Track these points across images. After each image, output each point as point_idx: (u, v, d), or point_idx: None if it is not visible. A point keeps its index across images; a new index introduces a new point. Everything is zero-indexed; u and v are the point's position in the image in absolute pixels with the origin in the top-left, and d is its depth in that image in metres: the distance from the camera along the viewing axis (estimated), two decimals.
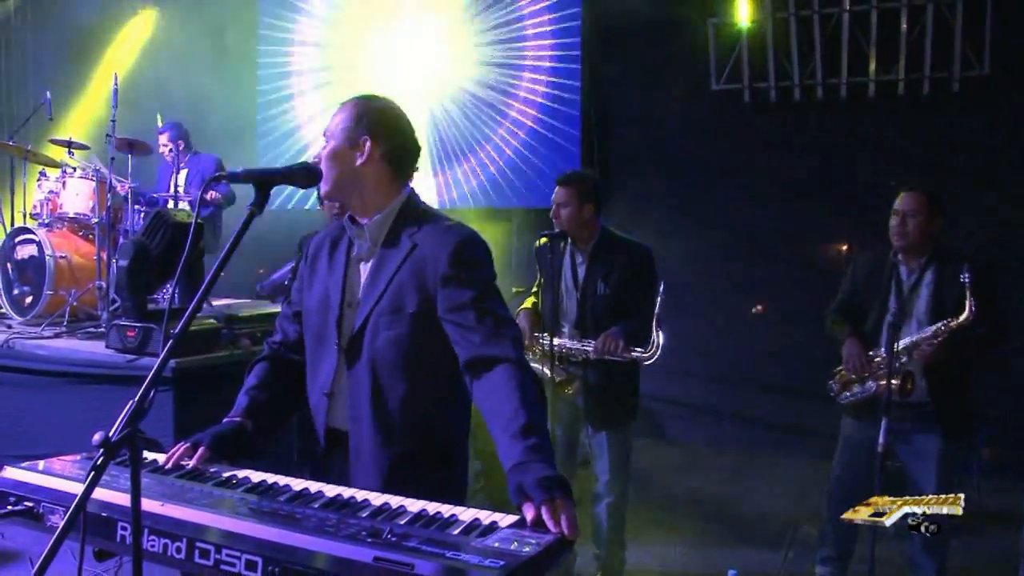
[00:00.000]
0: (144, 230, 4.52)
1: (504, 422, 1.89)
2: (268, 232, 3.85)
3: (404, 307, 2.10)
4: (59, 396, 4.51)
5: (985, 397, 5.49)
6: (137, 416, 1.49)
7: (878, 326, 3.71)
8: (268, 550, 1.54)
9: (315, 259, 2.32)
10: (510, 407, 1.91)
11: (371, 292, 2.15)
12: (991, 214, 5.77)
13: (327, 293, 2.23)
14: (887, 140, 6.26)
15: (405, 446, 2.11)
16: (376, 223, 2.18)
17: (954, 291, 3.49)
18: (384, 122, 2.18)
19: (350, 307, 2.19)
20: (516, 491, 1.73)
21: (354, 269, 2.23)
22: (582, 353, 3.82)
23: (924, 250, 3.66)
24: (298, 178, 2.01)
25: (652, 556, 4.50)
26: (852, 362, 3.71)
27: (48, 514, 1.78)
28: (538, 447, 1.83)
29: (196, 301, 1.70)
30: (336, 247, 2.28)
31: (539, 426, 1.89)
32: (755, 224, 6.66)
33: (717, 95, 6.80)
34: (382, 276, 2.14)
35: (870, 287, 3.79)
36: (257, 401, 2.26)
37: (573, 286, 3.94)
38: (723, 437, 6.86)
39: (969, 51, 5.97)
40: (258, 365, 2.37)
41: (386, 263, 2.15)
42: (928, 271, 3.65)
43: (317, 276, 2.29)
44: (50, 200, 5.85)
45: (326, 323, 2.21)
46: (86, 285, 5.48)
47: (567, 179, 3.95)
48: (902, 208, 3.64)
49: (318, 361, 2.23)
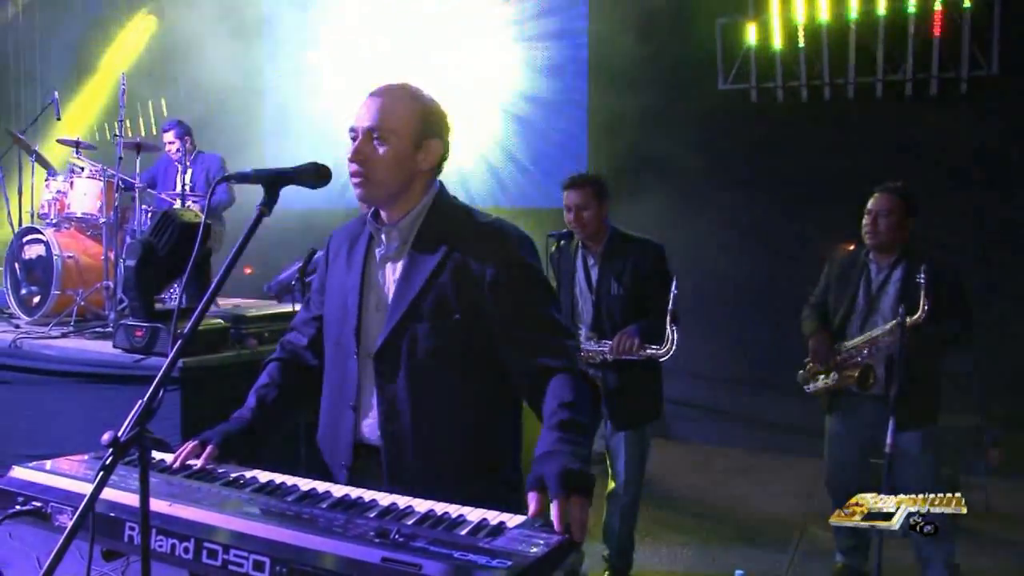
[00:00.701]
0: (151, 230, 4.52)
1: (548, 417, 1.82)
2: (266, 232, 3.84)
3: (448, 313, 1.96)
4: (66, 396, 4.53)
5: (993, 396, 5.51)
6: (146, 416, 1.48)
7: (845, 321, 3.93)
8: (276, 550, 1.53)
9: (334, 260, 2.20)
10: (558, 404, 1.83)
11: (404, 296, 1.99)
12: (998, 214, 5.76)
13: (345, 299, 2.10)
14: (895, 140, 6.24)
15: (452, 463, 1.99)
16: (408, 221, 2.05)
17: (920, 289, 3.62)
18: (445, 122, 2.07)
19: (378, 311, 2.05)
20: (534, 478, 1.66)
21: (377, 270, 2.08)
22: (600, 355, 3.82)
23: (895, 249, 3.81)
24: (308, 178, 1.86)
25: (659, 556, 4.49)
26: (818, 355, 3.94)
27: (56, 514, 1.78)
28: (572, 441, 1.74)
29: (205, 301, 1.68)
30: (354, 246, 2.14)
31: (582, 425, 1.82)
32: (763, 224, 6.65)
33: (724, 95, 6.79)
34: (416, 278, 1.99)
35: (842, 284, 3.97)
36: (267, 399, 2.20)
37: (587, 288, 3.95)
38: (730, 437, 6.85)
39: (977, 51, 5.95)
40: (271, 364, 2.30)
41: (420, 264, 2.00)
42: (897, 269, 3.82)
43: (335, 279, 2.17)
44: (58, 200, 5.87)
45: (345, 332, 2.08)
46: (94, 285, 5.50)
47: (583, 181, 3.92)
48: (874, 208, 3.80)
49: (339, 371, 2.10)
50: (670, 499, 5.47)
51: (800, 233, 6.42)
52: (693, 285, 6.76)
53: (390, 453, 2.01)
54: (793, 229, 6.51)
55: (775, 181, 6.54)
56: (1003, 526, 4.11)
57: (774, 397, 6.47)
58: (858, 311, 3.88)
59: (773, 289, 6.41)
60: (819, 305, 4.11)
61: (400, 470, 1.99)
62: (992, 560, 4.31)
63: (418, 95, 2.07)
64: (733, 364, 6.81)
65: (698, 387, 6.91)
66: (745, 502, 5.51)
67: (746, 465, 6.34)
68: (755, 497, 5.60)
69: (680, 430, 7.04)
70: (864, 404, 3.87)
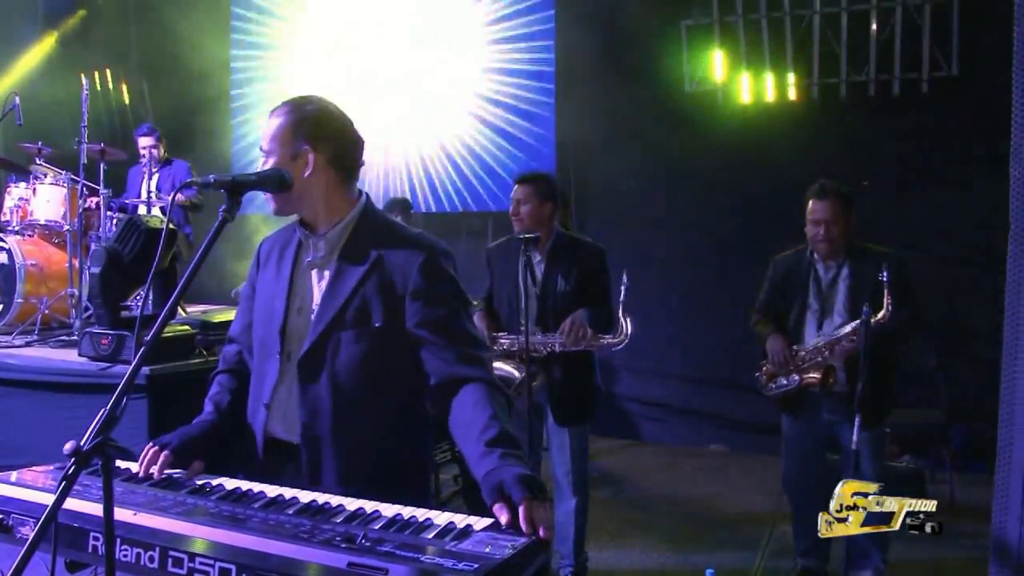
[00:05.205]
0: (116, 237, 4.47)
1: (477, 433, 1.88)
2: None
3: (370, 320, 2.03)
4: (31, 406, 4.45)
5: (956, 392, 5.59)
6: (109, 425, 1.47)
7: (800, 321, 3.96)
8: (242, 557, 1.53)
9: (264, 266, 2.25)
10: (483, 419, 1.91)
11: (330, 304, 2.06)
12: (961, 213, 5.85)
13: (272, 301, 2.16)
14: (859, 140, 6.33)
15: (367, 467, 2.05)
16: (335, 232, 2.11)
17: (868, 286, 3.72)
18: (323, 126, 2.08)
19: (299, 313, 2.11)
20: (493, 490, 1.72)
21: (304, 275, 2.14)
22: (550, 346, 3.86)
23: (843, 249, 3.86)
24: (270, 184, 1.98)
25: (630, 557, 4.51)
26: (777, 357, 3.94)
27: (18, 526, 1.76)
28: (513, 455, 1.83)
29: (168, 307, 1.69)
30: (284, 252, 2.20)
31: (513, 439, 1.89)
32: (729, 225, 6.70)
33: (690, 97, 6.84)
34: (343, 287, 2.06)
35: (789, 286, 4.01)
36: (222, 404, 2.24)
37: (532, 284, 3.99)
38: (699, 437, 6.89)
39: (938, 53, 6.05)
40: (219, 376, 2.34)
41: (347, 274, 2.07)
42: (844, 267, 3.88)
43: (264, 284, 2.23)
44: (20, 207, 5.78)
45: (269, 332, 2.14)
46: (58, 293, 5.43)
47: (527, 177, 4.11)
48: (822, 216, 3.82)
49: (261, 370, 2.16)
50: (641, 500, 5.50)
51: (766, 234, 6.46)
52: (660, 287, 6.84)
53: (309, 453, 2.07)
54: (759, 230, 6.56)
55: (741, 182, 6.59)
56: (967, 519, 4.17)
57: (742, 397, 6.52)
58: (812, 311, 3.92)
59: (740, 290, 6.43)
60: (767, 308, 4.14)
61: (318, 470, 2.06)
62: (956, 552, 4.37)
63: (297, 107, 2.09)
64: (701, 365, 6.86)
65: (667, 388, 6.96)
66: (715, 501, 5.55)
67: (716, 465, 6.38)
68: (725, 497, 5.64)
69: (650, 431, 7.08)
70: (822, 403, 3.92)
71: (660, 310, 6.61)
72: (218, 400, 2.25)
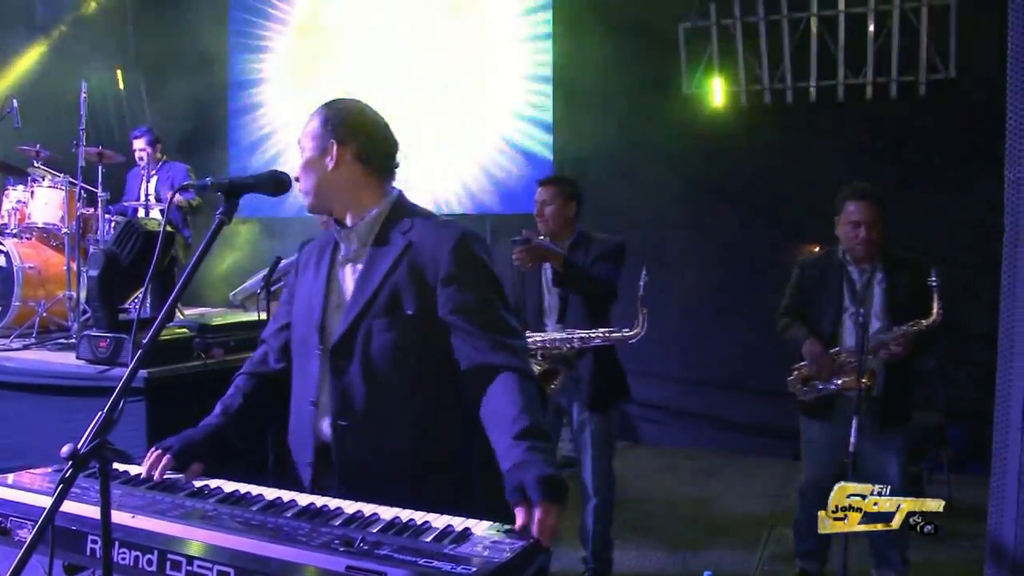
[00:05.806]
0: (114, 240, 4.47)
1: (506, 424, 1.86)
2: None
3: (402, 308, 2.02)
4: (29, 409, 4.45)
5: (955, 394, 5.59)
6: (106, 427, 1.48)
7: (836, 326, 3.85)
8: (240, 560, 1.53)
9: (303, 270, 2.27)
10: (514, 411, 1.87)
11: (362, 293, 2.06)
12: (958, 215, 5.85)
13: (310, 300, 2.17)
14: (857, 142, 6.33)
15: (402, 458, 2.03)
16: (365, 224, 2.12)
17: (904, 290, 3.70)
18: (349, 122, 2.13)
19: (338, 308, 2.11)
20: (515, 490, 1.70)
21: (339, 271, 2.16)
22: (567, 343, 3.88)
23: (877, 251, 3.80)
24: (267, 187, 1.96)
25: (628, 558, 4.51)
26: (817, 361, 3.84)
27: (16, 528, 1.76)
28: (540, 448, 1.80)
29: (165, 310, 1.69)
30: (322, 254, 2.22)
31: (543, 431, 1.86)
32: (729, 227, 6.71)
33: (689, 99, 6.85)
34: (374, 276, 2.06)
35: (821, 289, 3.91)
36: (231, 407, 2.22)
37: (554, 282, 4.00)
38: (698, 439, 6.89)
39: (935, 55, 6.06)
40: (239, 377, 2.33)
41: (378, 262, 2.07)
42: (877, 271, 3.81)
43: (304, 286, 2.24)
44: (18, 210, 5.78)
45: (308, 329, 2.14)
46: (56, 296, 5.43)
47: (551, 179, 4.18)
48: (862, 219, 3.72)
49: (303, 368, 2.16)
50: (640, 501, 5.49)
51: (766, 236, 6.49)
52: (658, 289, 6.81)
53: (343, 447, 2.04)
54: (759, 232, 6.58)
55: (740, 184, 6.60)
56: (964, 520, 4.16)
57: (742, 399, 6.53)
58: (849, 315, 3.80)
59: (740, 292, 6.47)
60: (795, 310, 4.02)
61: (350, 465, 2.04)
62: (953, 554, 4.37)
63: (327, 105, 2.17)
64: (701, 367, 6.85)
65: (667, 390, 6.95)
66: (714, 503, 5.55)
67: (715, 467, 6.38)
68: (723, 498, 5.64)
69: (649, 433, 7.07)
70: (850, 407, 3.69)
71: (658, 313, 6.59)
72: (229, 403, 2.24)
